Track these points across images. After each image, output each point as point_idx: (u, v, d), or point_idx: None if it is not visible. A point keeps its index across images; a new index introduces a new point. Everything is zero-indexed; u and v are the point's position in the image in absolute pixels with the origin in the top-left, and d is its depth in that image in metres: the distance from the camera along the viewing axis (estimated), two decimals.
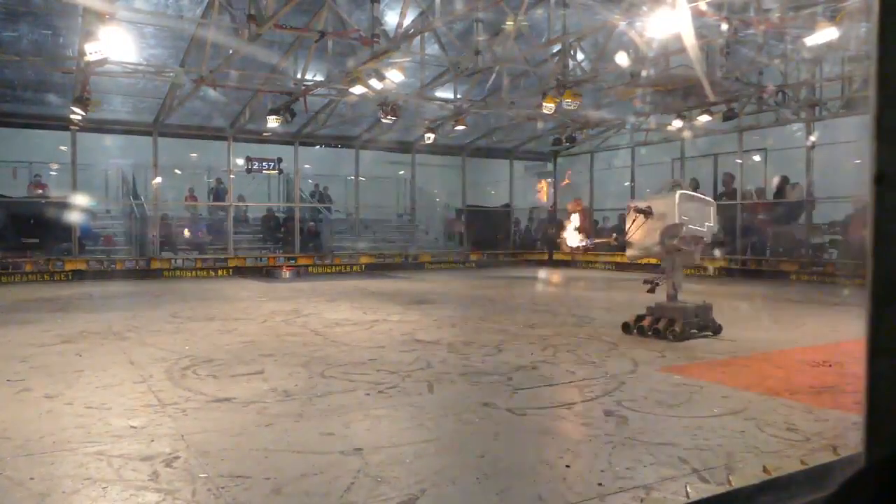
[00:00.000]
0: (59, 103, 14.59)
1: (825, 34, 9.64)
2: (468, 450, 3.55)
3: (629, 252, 7.31)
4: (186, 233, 18.08)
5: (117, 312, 9.45)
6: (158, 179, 16.97)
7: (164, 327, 7.91)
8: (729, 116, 14.54)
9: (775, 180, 15.79)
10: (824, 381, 5.14)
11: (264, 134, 17.24)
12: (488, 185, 24.92)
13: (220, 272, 16.96)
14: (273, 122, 14.03)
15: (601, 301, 10.72)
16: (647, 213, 6.97)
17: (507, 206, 22.42)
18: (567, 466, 3.29)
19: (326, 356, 6.04)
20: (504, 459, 3.40)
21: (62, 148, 16.46)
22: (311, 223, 20.04)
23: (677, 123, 15.63)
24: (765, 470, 2.94)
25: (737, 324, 7.63)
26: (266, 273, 16.66)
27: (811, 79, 13.94)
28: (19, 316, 9.04)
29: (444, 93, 15.25)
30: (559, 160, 22.57)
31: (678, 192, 6.91)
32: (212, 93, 13.80)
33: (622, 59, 11.86)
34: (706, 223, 7.00)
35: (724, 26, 9.67)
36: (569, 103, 12.70)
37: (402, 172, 22.55)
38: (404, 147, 20.30)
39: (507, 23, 11.62)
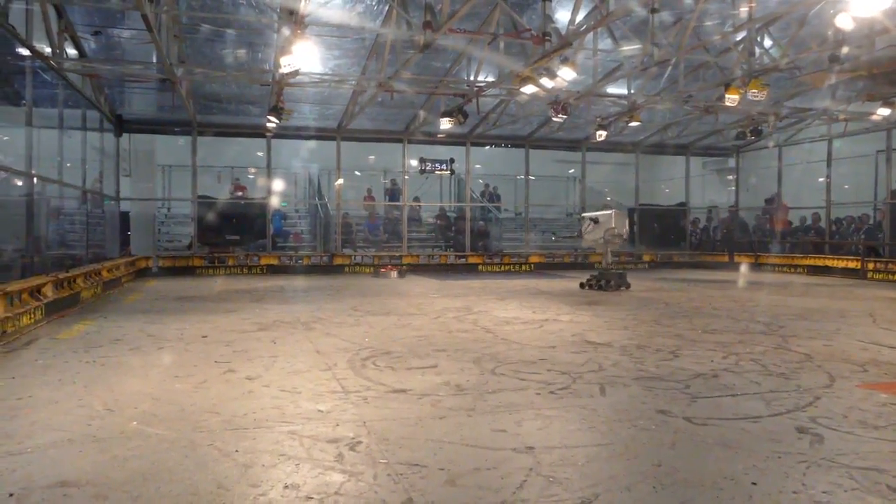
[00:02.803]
0: (256, 113, 16.11)
1: None
2: (643, 457, 3.44)
3: (583, 243, 13.80)
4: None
5: (304, 304, 10.24)
6: (340, 181, 18.16)
7: (345, 320, 8.45)
8: None
9: None
10: None
11: (437, 135, 17.82)
12: (663, 182, 23.89)
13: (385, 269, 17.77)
14: (446, 124, 14.43)
15: (792, 307, 9.88)
16: (596, 221, 12.50)
17: (683, 204, 21.37)
18: (753, 484, 3.08)
19: (497, 353, 6.12)
20: (682, 470, 3.25)
21: (259, 154, 18.15)
22: (481, 222, 20.41)
23: (883, 111, 13.99)
24: None
25: None
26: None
27: None
28: (224, 305, 10.09)
29: (617, 88, 14.84)
30: (742, 155, 21.10)
31: (613, 211, 12.59)
32: (389, 98, 14.49)
33: (822, 42, 10.84)
34: (625, 227, 12.66)
35: None
36: (755, 94, 11.81)
37: (571, 171, 22.27)
38: (574, 145, 20.05)
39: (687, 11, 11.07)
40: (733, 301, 10.87)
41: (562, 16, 11.33)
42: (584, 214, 13.73)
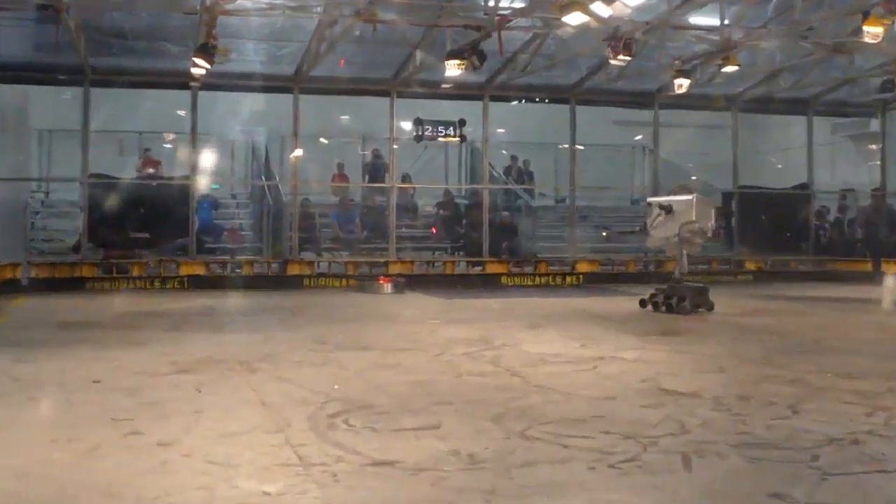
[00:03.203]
0: (177, 54, 16.09)
1: None
2: None
3: (648, 242, 14.19)
4: None
5: (245, 335, 10.21)
6: (299, 152, 18.11)
7: (305, 357, 8.40)
8: None
9: None
10: None
11: (442, 86, 17.76)
12: (773, 154, 23.80)
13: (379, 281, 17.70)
14: (454, 69, 14.37)
15: None
16: (669, 210, 12.31)
17: (805, 186, 21.35)
18: None
19: (528, 408, 6.06)
20: None
21: (180, 113, 18.14)
22: (505, 213, 20.31)
23: None
24: None
25: None
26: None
27: None
28: (126, 335, 10.04)
29: (705, 18, 14.80)
30: (891, 115, 21.01)
31: (695, 195, 12.58)
32: (371, 31, 14.42)
33: None
34: (709, 222, 12.50)
35: None
36: None
37: (638, 137, 22.22)
38: (642, 100, 20.04)
39: None
40: (881, 330, 10.81)
41: None
42: (651, 200, 13.85)
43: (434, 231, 20.46)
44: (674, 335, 10.23)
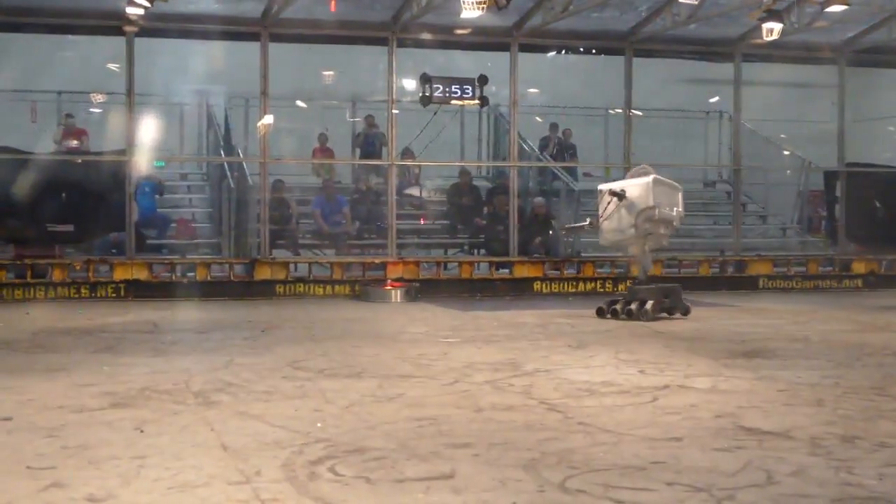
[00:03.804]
0: None
1: None
2: None
3: (603, 239, 14.19)
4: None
5: (199, 358, 10.23)
6: (269, 119, 18.09)
7: (278, 386, 8.42)
8: None
9: None
10: None
11: (455, 32, 17.74)
12: (891, 122, 23.69)
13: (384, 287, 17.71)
14: (472, 10, 14.37)
15: None
16: (621, 196, 13.04)
17: None
18: None
19: (569, 452, 6.07)
20: None
21: (112, 67, 18.13)
22: (540, 199, 20.27)
23: None
24: None
25: None
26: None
27: None
28: (44, 358, 10.06)
29: None
30: None
31: (651, 177, 13.30)
32: None
33: None
34: (675, 208, 13.38)
35: None
36: None
37: (714, 100, 22.14)
38: (720, 51, 20.00)
39: None
40: None
41: None
42: (602, 186, 14.48)
43: (423, 221, 20.38)
44: (760, 357, 10.19)
